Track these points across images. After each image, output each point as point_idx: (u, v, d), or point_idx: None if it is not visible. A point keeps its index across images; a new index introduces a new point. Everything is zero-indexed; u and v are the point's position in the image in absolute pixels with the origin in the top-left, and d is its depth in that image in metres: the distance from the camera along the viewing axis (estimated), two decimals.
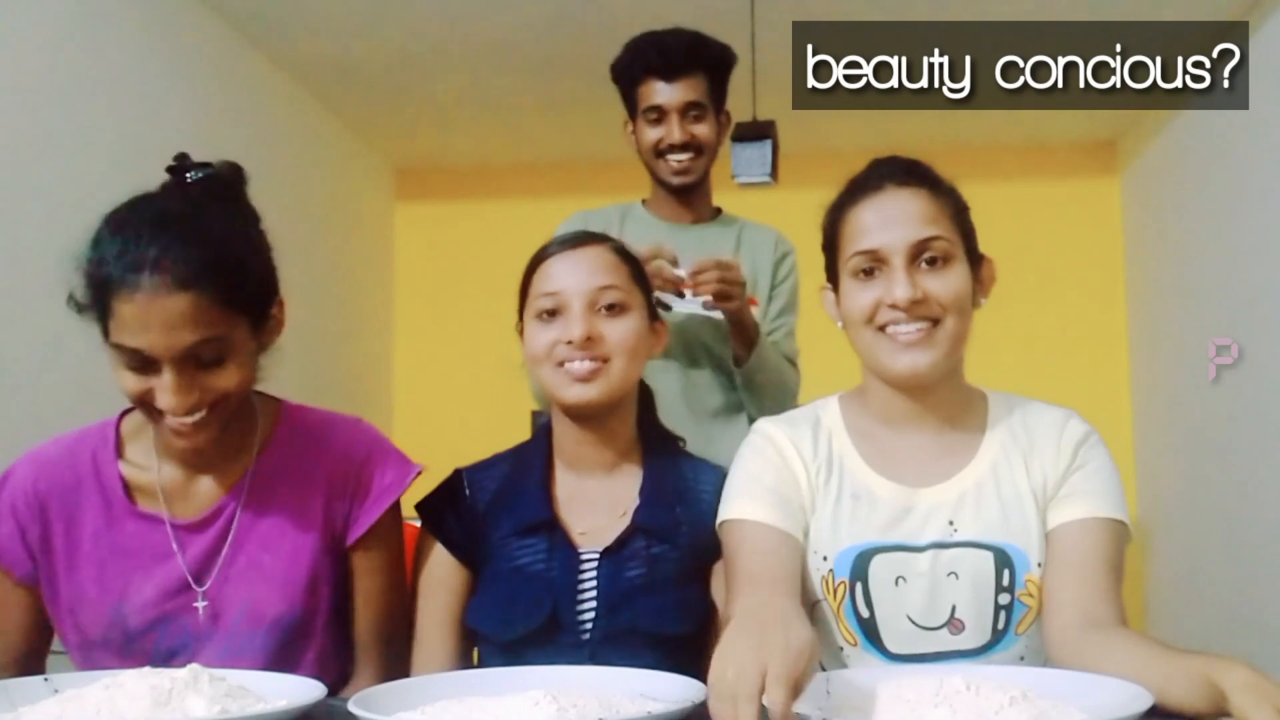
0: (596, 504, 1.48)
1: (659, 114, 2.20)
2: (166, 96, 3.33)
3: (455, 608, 1.47)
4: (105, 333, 1.25)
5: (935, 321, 1.31)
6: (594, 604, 1.41)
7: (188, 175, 1.34)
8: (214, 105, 3.64)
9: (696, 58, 2.22)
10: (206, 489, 1.40)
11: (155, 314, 1.20)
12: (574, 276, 1.46)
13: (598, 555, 1.44)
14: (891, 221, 1.31)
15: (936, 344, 1.31)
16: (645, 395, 1.57)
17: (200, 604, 1.37)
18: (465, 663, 1.49)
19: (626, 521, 1.45)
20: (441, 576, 1.47)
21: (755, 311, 2.19)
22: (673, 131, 2.19)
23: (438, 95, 4.43)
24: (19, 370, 2.63)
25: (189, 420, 1.26)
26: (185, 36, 3.48)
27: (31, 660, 1.43)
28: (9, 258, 2.63)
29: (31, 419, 2.57)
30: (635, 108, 2.26)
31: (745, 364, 2.10)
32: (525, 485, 1.49)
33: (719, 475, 1.50)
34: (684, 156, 2.21)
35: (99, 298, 1.23)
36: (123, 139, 3.06)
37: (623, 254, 1.51)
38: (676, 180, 2.23)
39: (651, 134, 2.22)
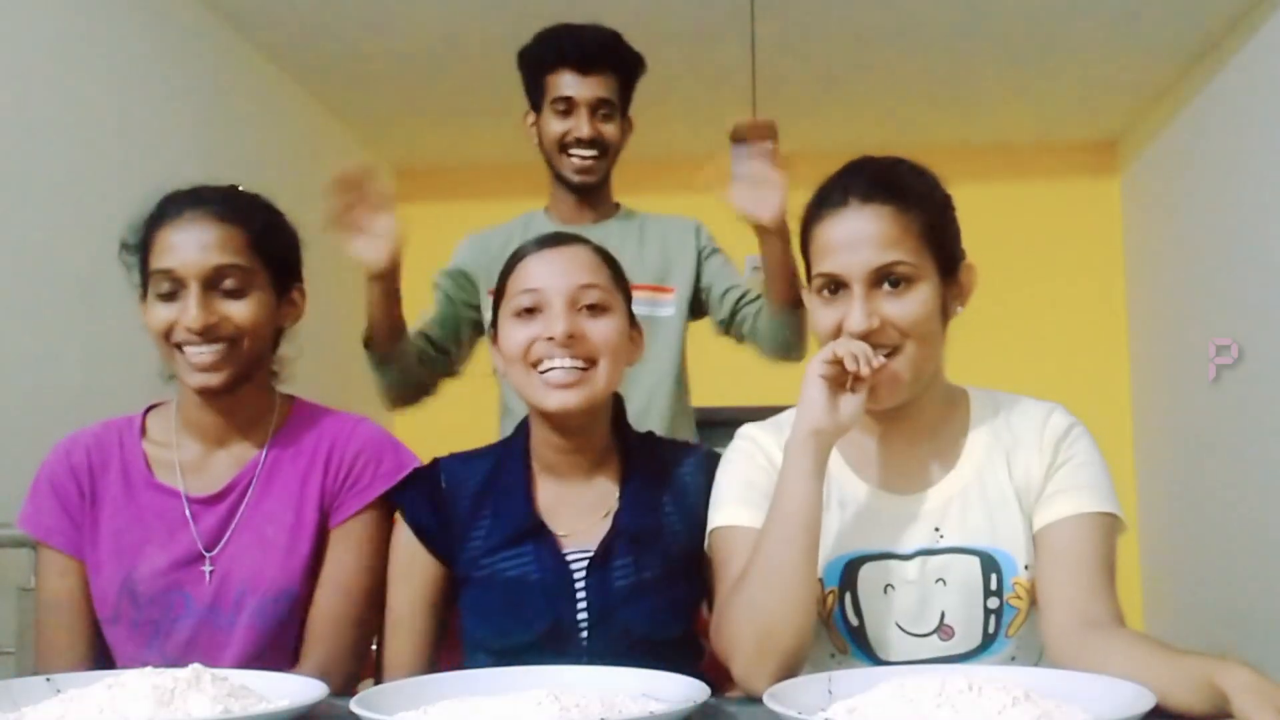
0: (578, 508, 1.45)
1: (568, 106, 2.12)
2: (167, 96, 3.33)
3: (428, 593, 1.46)
4: (144, 271, 1.42)
5: (894, 350, 1.28)
6: (587, 613, 1.40)
7: (235, 186, 1.54)
8: (214, 105, 3.64)
9: (613, 56, 2.15)
10: (222, 466, 1.48)
11: (190, 236, 1.39)
12: (554, 274, 1.41)
13: (586, 559, 1.41)
14: (852, 244, 1.27)
15: (895, 374, 1.28)
16: (615, 400, 1.52)
17: (207, 569, 1.43)
18: (438, 648, 1.48)
19: (609, 524, 1.43)
20: (413, 560, 1.46)
21: (673, 297, 2.17)
22: (581, 125, 2.12)
23: (438, 95, 4.43)
24: (19, 370, 2.63)
25: (206, 351, 1.39)
26: (185, 36, 3.48)
27: (95, 640, 1.46)
28: (13, 259, 2.62)
29: (32, 419, 2.57)
30: (541, 98, 2.16)
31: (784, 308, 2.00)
32: (507, 490, 1.45)
33: (699, 455, 1.50)
34: (589, 153, 2.14)
35: (146, 233, 1.43)
36: (123, 140, 3.05)
37: (603, 255, 1.47)
38: (578, 179, 2.16)
39: (558, 126, 2.13)
